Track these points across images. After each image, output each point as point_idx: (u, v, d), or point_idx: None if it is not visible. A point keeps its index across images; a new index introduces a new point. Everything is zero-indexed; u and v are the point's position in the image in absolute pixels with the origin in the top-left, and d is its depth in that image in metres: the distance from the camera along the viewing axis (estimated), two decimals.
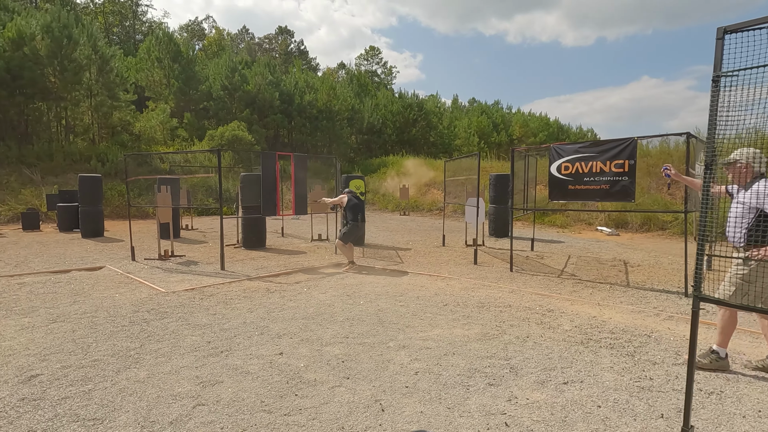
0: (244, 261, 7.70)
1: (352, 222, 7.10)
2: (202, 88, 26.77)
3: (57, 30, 18.43)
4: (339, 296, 5.21)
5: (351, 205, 7.15)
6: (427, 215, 18.45)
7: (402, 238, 10.89)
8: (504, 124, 43.61)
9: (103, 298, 5.08)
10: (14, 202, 14.71)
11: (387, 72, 60.81)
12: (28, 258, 7.90)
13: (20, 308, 4.68)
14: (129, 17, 44.99)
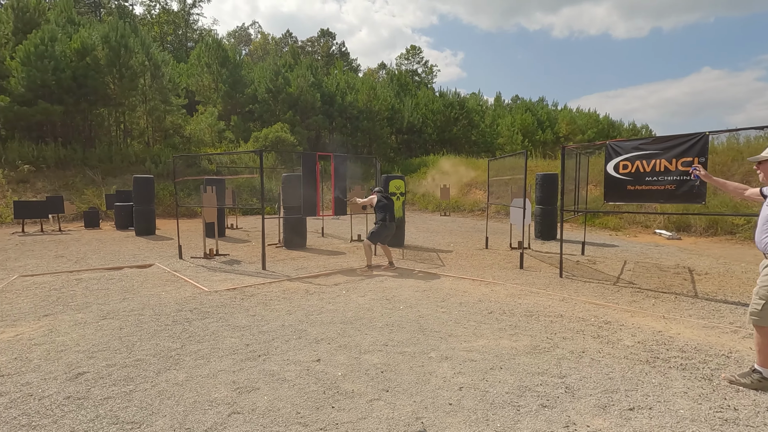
0: (284, 261, 7.75)
1: (380, 222, 6.93)
2: (247, 92, 27.65)
3: (114, 40, 19.63)
4: (378, 300, 5.06)
5: (380, 205, 6.98)
6: (468, 216, 17.98)
7: (443, 240, 10.60)
8: (549, 122, 41.93)
9: (150, 296, 5.23)
10: (78, 201, 15.80)
11: (428, 71, 60.28)
12: (87, 255, 8.38)
13: (75, 304, 4.90)
14: (181, 26, 47.43)
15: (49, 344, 3.65)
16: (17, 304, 4.90)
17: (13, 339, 3.78)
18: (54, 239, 10.68)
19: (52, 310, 4.63)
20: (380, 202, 6.98)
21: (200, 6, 73.28)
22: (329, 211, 8.09)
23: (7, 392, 2.79)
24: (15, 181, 16.09)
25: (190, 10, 47.96)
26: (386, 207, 6.97)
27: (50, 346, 3.61)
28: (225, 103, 27.44)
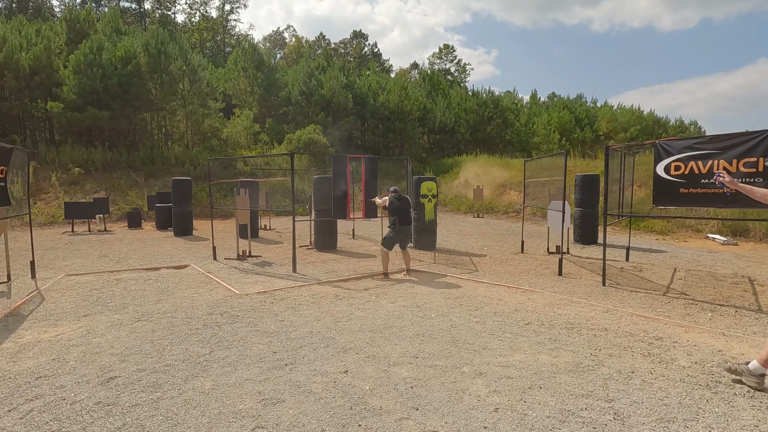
0: (315, 263, 7.73)
1: (391, 227, 6.47)
2: (282, 94, 28.18)
3: (153, 47, 20.47)
4: (408, 307, 4.90)
5: (391, 208, 6.45)
6: (502, 218, 17.48)
7: (476, 243, 10.29)
8: (588, 119, 40.31)
9: (184, 298, 5.30)
10: (123, 202, 16.56)
11: (461, 69, 59.47)
12: (128, 255, 8.69)
13: (113, 304, 5.03)
14: (220, 32, 49.08)
15: (86, 345, 3.73)
16: (61, 303, 5.09)
17: (54, 339, 3.90)
18: (99, 239, 11.20)
19: (91, 311, 4.78)
20: (392, 204, 6.49)
21: (237, 12, 75.61)
22: (360, 213, 8.01)
23: (43, 395, 2.84)
24: (67, 183, 17.07)
25: (228, 17, 49.56)
26: (398, 209, 6.43)
27: (86, 347, 3.69)
28: (260, 106, 28.09)
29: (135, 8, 46.80)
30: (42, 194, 16.36)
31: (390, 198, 6.56)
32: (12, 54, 18.21)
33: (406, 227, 6.51)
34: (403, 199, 6.53)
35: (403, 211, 6.46)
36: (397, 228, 6.41)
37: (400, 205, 6.46)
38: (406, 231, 6.53)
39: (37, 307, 4.91)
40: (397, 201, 6.47)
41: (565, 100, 42.41)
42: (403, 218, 6.44)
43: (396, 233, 6.44)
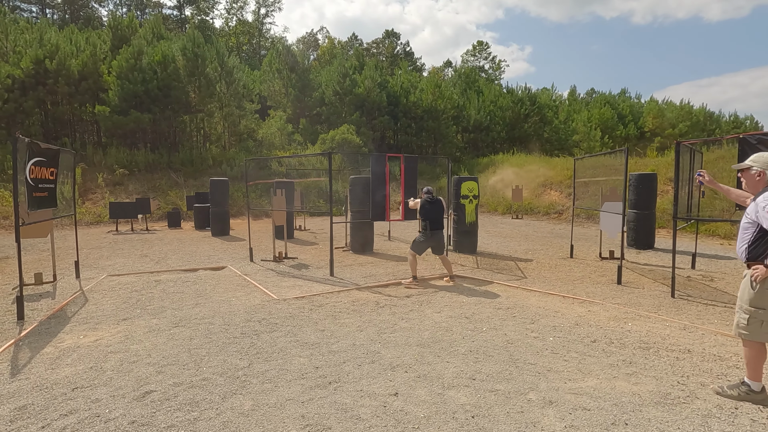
0: (352, 267, 7.48)
1: (421, 231, 6.06)
2: (315, 95, 28.32)
3: (191, 50, 20.96)
4: (456, 318, 4.53)
5: (422, 211, 5.99)
6: (543, 219, 16.70)
7: (519, 246, 9.75)
8: (633, 116, 38.36)
9: (221, 302, 5.16)
10: (163, 202, 17.01)
11: (495, 67, 58.12)
12: (167, 255, 8.76)
13: (152, 307, 4.95)
14: (255, 35, 50.16)
15: (124, 353, 3.60)
16: (102, 305, 5.06)
17: (93, 345, 3.80)
18: (141, 238, 11.44)
19: (130, 314, 4.69)
20: (423, 207, 5.99)
21: (272, 15, 77.20)
22: (398, 215, 7.68)
23: (77, 410, 2.69)
24: (112, 184, 17.73)
25: (263, 20, 50.58)
26: (429, 213, 5.93)
27: (124, 355, 3.55)
28: (294, 107, 28.34)
29: (176, 15, 48.61)
30: (89, 194, 17.06)
31: (422, 201, 6.07)
32: (64, 61, 19.12)
33: (438, 233, 5.98)
34: (435, 202, 6.00)
35: (435, 215, 5.96)
36: (428, 233, 5.93)
37: (431, 208, 5.95)
38: (437, 237, 6.00)
39: (80, 309, 4.88)
40: (429, 204, 5.97)
41: (606, 95, 40.54)
42: (434, 223, 5.94)
43: (426, 239, 5.97)
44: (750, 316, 2.64)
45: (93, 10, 45.50)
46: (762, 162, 2.69)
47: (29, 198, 4.87)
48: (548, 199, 18.68)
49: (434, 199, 6.02)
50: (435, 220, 5.93)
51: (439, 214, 5.97)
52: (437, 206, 5.98)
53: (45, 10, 43.74)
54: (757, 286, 2.59)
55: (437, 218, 5.95)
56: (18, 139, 4.32)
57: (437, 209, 5.97)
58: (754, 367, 2.72)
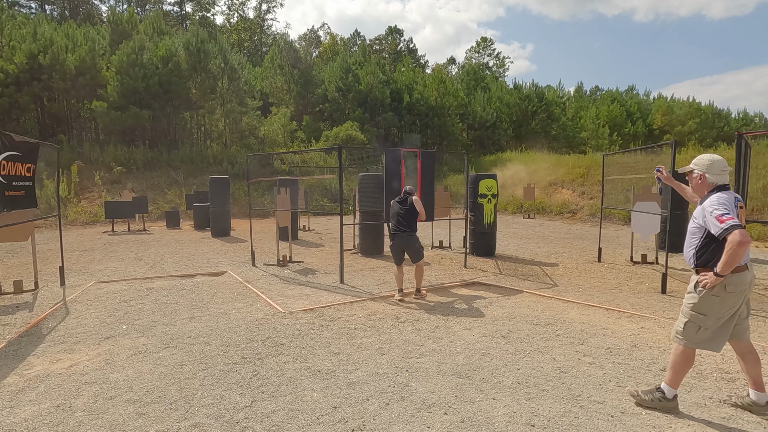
0: (363, 272, 6.86)
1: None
2: (318, 92, 27.69)
3: (193, 45, 20.35)
4: (491, 337, 3.91)
5: (391, 212, 5.44)
6: (556, 219, 16.05)
7: (539, 249, 9.11)
8: (641, 113, 37.64)
9: (220, 315, 4.55)
10: (162, 201, 16.42)
11: (499, 64, 57.39)
12: (163, 258, 8.16)
13: (141, 322, 4.34)
14: (257, 32, 49.51)
15: (101, 384, 2.99)
16: (84, 319, 4.46)
17: (67, 372, 3.20)
18: (137, 239, 10.85)
19: (115, 330, 4.09)
20: (391, 206, 5.43)
21: (274, 11, 76.57)
22: None
23: None
24: (109, 182, 17.14)
25: (264, 16, 49.94)
26: (392, 213, 5.39)
27: (101, 388, 2.95)
28: (297, 104, 27.72)
29: (176, 11, 47.97)
30: (86, 193, 16.48)
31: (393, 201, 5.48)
32: (58, 55, 18.51)
33: (402, 236, 5.25)
34: (403, 201, 5.33)
35: (398, 216, 5.28)
36: (391, 236, 5.37)
37: (396, 208, 5.34)
38: (402, 241, 5.25)
39: (58, 325, 4.28)
40: (396, 204, 5.37)
41: (613, 92, 39.80)
42: (399, 224, 5.26)
43: (391, 245, 5.36)
44: (689, 320, 2.57)
45: (93, 7, 44.93)
46: (701, 165, 2.64)
47: (0, 198, 4.27)
48: (560, 198, 18.04)
49: (404, 198, 5.36)
50: (395, 221, 5.29)
51: (405, 214, 5.26)
52: (404, 206, 5.29)
53: (44, 6, 43.18)
54: (702, 292, 2.52)
55: (400, 219, 5.26)
56: None
57: (406, 210, 5.28)
58: (677, 373, 2.63)
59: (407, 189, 5.45)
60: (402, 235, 5.24)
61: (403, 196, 5.39)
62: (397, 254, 5.35)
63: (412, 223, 5.29)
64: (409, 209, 5.28)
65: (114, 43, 21.35)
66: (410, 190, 5.44)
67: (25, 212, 5.03)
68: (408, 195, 5.34)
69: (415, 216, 5.30)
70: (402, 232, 5.24)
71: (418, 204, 5.30)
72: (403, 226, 5.25)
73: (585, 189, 17.64)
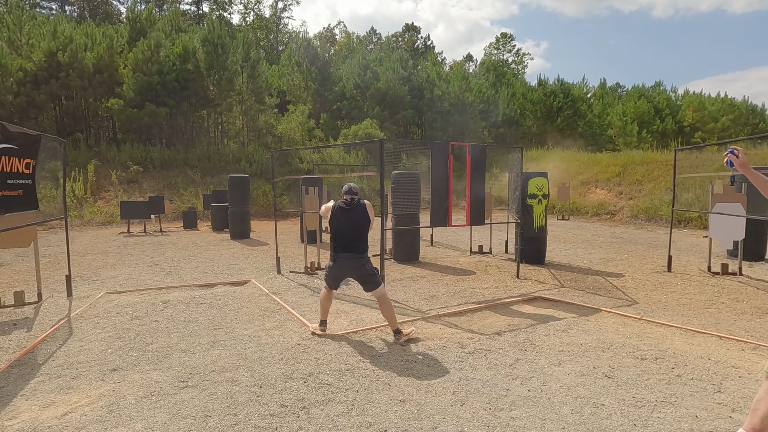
0: (402, 282, 6.07)
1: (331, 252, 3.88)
2: (335, 89, 27.02)
3: (212, 41, 19.84)
4: (593, 377, 3.07)
5: (332, 223, 3.80)
6: (593, 220, 15.02)
7: (590, 255, 8.19)
8: (670, 109, 36.07)
9: (247, 339, 3.80)
10: (179, 201, 15.90)
11: (518, 60, 56.01)
12: (180, 263, 7.50)
13: (155, 348, 3.62)
14: (273, 30, 49.17)
15: None
16: (88, 342, 3.76)
17: (59, 425, 2.48)
18: (153, 241, 10.26)
19: (123, 359, 3.37)
20: (334, 216, 3.78)
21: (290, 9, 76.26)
22: (462, 219, 6.24)
23: None
24: (126, 181, 16.71)
25: (280, 15, 49.58)
26: (338, 225, 3.75)
27: None
28: (314, 101, 27.10)
29: (193, 11, 47.97)
30: (102, 192, 16.06)
31: (334, 206, 3.82)
32: (76, 53, 18.18)
33: (348, 258, 3.71)
34: (354, 209, 3.73)
35: (346, 230, 3.73)
36: (333, 256, 3.79)
37: (343, 218, 3.73)
38: (347, 263, 3.73)
39: (57, 350, 3.59)
40: (341, 211, 3.74)
41: (640, 88, 38.22)
42: (344, 244, 3.72)
43: (331, 266, 3.82)
44: None
45: (112, 7, 45.19)
46: None
47: None
48: (594, 198, 16.98)
49: (355, 203, 3.76)
50: (344, 240, 3.72)
51: (355, 228, 3.72)
52: (355, 216, 3.73)
53: (65, 6, 43.55)
54: None
55: (350, 236, 3.71)
56: None
57: (354, 221, 3.72)
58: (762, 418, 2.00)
59: (351, 188, 3.80)
60: (349, 257, 3.70)
61: (349, 199, 3.76)
62: (335, 279, 3.86)
63: (363, 240, 3.76)
64: (360, 219, 3.72)
65: (132, 41, 20.99)
66: (354, 189, 3.81)
67: (25, 215, 4.37)
68: (354, 196, 3.79)
69: (367, 228, 3.77)
70: (350, 253, 3.70)
71: (370, 210, 3.78)
72: (351, 245, 3.70)
73: (622, 189, 16.55)
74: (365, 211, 3.76)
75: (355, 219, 3.72)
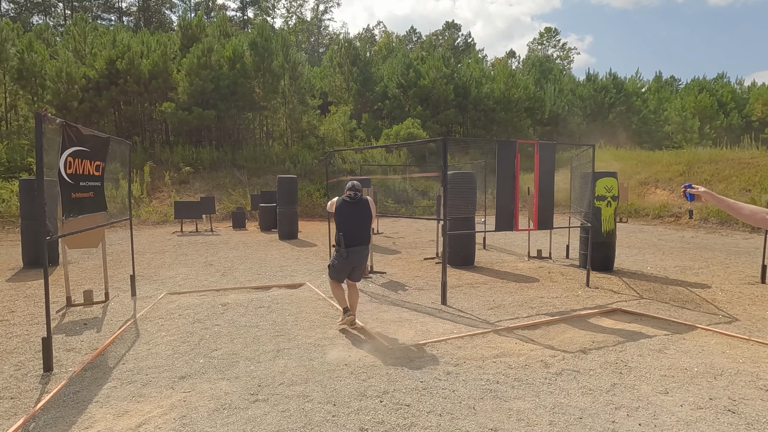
0: (461, 288, 5.75)
1: (336, 247, 4.06)
2: (377, 89, 26.93)
3: (259, 43, 20.26)
4: (713, 411, 2.64)
5: (338, 217, 4.01)
6: (654, 223, 13.99)
7: (664, 263, 7.50)
8: (735, 103, 33.38)
9: (312, 349, 3.64)
10: (227, 201, 16.31)
11: (564, 55, 53.85)
12: (234, 264, 7.55)
13: (220, 354, 3.53)
14: (314, 33, 49.96)
15: None
16: (156, 345, 3.73)
17: None
18: (206, 241, 10.49)
19: (190, 366, 3.29)
20: (339, 210, 4.01)
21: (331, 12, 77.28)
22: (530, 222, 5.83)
23: None
24: (178, 182, 17.35)
25: (321, 17, 50.28)
26: (345, 219, 3.98)
27: None
28: (356, 102, 27.14)
29: (239, 17, 49.59)
30: (157, 193, 16.76)
31: (338, 200, 4.06)
32: (133, 60, 19.12)
33: (357, 250, 3.99)
34: (358, 204, 4.01)
35: (354, 225, 3.98)
36: (342, 252, 3.95)
37: (349, 212, 3.98)
38: (357, 256, 4.00)
39: (127, 353, 3.58)
40: (347, 206, 4.00)
41: (701, 80, 35.56)
42: (351, 236, 3.95)
43: (341, 261, 3.98)
44: None
45: (164, 16, 47.57)
46: None
47: (64, 201, 3.63)
48: (655, 199, 15.84)
49: (357, 198, 4.02)
50: (351, 232, 3.95)
51: (360, 222, 4.01)
52: (360, 210, 4.01)
53: (122, 18, 46.31)
54: None
55: (356, 228, 3.97)
56: (43, 117, 3.03)
57: (361, 214, 4.01)
58: None
59: (354, 185, 4.07)
60: (358, 249, 3.99)
61: (353, 194, 4.01)
62: (343, 272, 4.06)
63: (367, 233, 4.10)
64: (363, 212, 4.01)
65: (184, 47, 21.86)
66: (358, 186, 4.08)
67: (95, 216, 4.44)
68: (358, 192, 4.05)
69: (369, 221, 4.10)
70: (359, 245, 3.99)
71: (372, 206, 4.10)
72: (360, 237, 4.00)
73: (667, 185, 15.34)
74: (368, 206, 4.08)
75: (359, 212, 4.02)
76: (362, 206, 4.03)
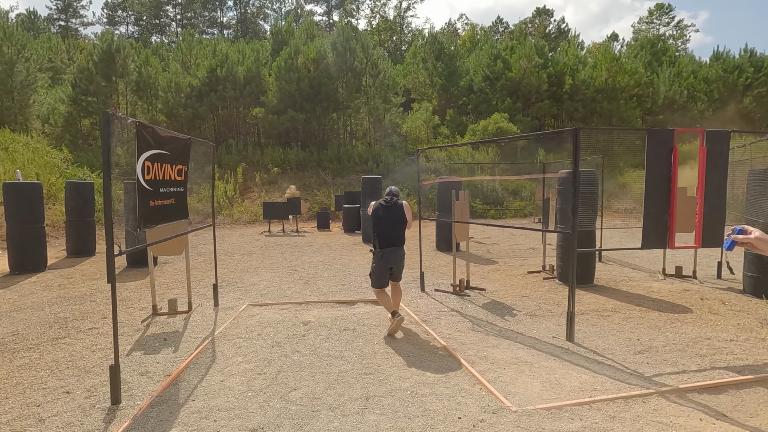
0: (587, 317, 4.58)
1: (372, 251, 4.25)
2: (461, 83, 25.60)
3: (341, 44, 20.22)
4: None
5: (374, 220, 4.25)
6: None
7: None
8: None
9: (408, 401, 2.87)
10: (312, 201, 16.42)
11: (678, 35, 47.06)
12: (317, 270, 7.14)
13: (299, 398, 2.92)
14: (397, 31, 49.72)
15: None
16: (228, 377, 3.25)
17: None
18: (291, 242, 10.39)
19: (264, 416, 2.71)
20: (375, 214, 4.26)
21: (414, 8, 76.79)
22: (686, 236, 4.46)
23: None
24: (267, 182, 17.95)
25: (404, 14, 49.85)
26: (378, 222, 4.19)
27: None
28: (439, 98, 26.12)
29: (325, 21, 51.25)
30: (248, 193, 17.48)
31: (375, 204, 4.32)
32: (231, 68, 20.25)
33: (393, 251, 4.18)
34: (393, 208, 4.21)
35: (387, 227, 4.17)
36: (378, 253, 4.15)
37: (383, 215, 4.21)
38: (393, 257, 4.18)
39: (199, 384, 3.14)
40: (381, 210, 4.22)
41: None
42: (386, 237, 4.15)
43: (378, 262, 4.17)
44: None
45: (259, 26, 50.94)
46: None
47: (141, 210, 3.29)
48: None
49: (392, 202, 4.24)
50: (386, 233, 4.16)
51: (395, 224, 4.20)
52: (394, 213, 4.21)
53: (223, 31, 50.53)
54: None
55: (390, 230, 4.18)
56: (111, 115, 2.64)
57: (393, 217, 4.20)
58: None
59: (391, 190, 4.39)
60: (393, 250, 4.19)
61: (389, 198, 4.27)
62: (384, 274, 4.24)
63: (402, 235, 4.26)
64: (398, 215, 4.21)
65: (274, 52, 22.74)
66: (395, 191, 4.39)
67: (177, 224, 4.16)
68: (394, 197, 4.31)
69: (404, 225, 4.26)
70: (392, 246, 4.18)
71: (408, 211, 4.27)
72: (395, 239, 4.20)
73: None
74: (402, 210, 4.25)
75: (393, 215, 4.21)
76: (396, 209, 4.23)
